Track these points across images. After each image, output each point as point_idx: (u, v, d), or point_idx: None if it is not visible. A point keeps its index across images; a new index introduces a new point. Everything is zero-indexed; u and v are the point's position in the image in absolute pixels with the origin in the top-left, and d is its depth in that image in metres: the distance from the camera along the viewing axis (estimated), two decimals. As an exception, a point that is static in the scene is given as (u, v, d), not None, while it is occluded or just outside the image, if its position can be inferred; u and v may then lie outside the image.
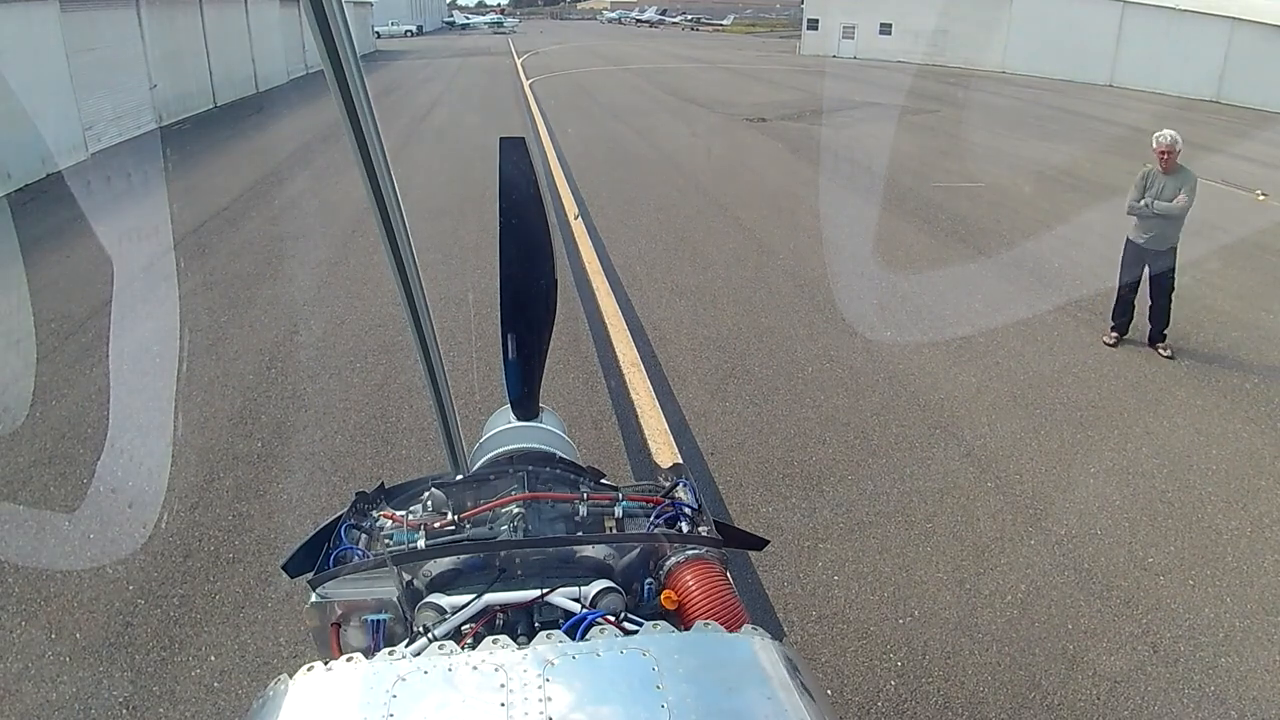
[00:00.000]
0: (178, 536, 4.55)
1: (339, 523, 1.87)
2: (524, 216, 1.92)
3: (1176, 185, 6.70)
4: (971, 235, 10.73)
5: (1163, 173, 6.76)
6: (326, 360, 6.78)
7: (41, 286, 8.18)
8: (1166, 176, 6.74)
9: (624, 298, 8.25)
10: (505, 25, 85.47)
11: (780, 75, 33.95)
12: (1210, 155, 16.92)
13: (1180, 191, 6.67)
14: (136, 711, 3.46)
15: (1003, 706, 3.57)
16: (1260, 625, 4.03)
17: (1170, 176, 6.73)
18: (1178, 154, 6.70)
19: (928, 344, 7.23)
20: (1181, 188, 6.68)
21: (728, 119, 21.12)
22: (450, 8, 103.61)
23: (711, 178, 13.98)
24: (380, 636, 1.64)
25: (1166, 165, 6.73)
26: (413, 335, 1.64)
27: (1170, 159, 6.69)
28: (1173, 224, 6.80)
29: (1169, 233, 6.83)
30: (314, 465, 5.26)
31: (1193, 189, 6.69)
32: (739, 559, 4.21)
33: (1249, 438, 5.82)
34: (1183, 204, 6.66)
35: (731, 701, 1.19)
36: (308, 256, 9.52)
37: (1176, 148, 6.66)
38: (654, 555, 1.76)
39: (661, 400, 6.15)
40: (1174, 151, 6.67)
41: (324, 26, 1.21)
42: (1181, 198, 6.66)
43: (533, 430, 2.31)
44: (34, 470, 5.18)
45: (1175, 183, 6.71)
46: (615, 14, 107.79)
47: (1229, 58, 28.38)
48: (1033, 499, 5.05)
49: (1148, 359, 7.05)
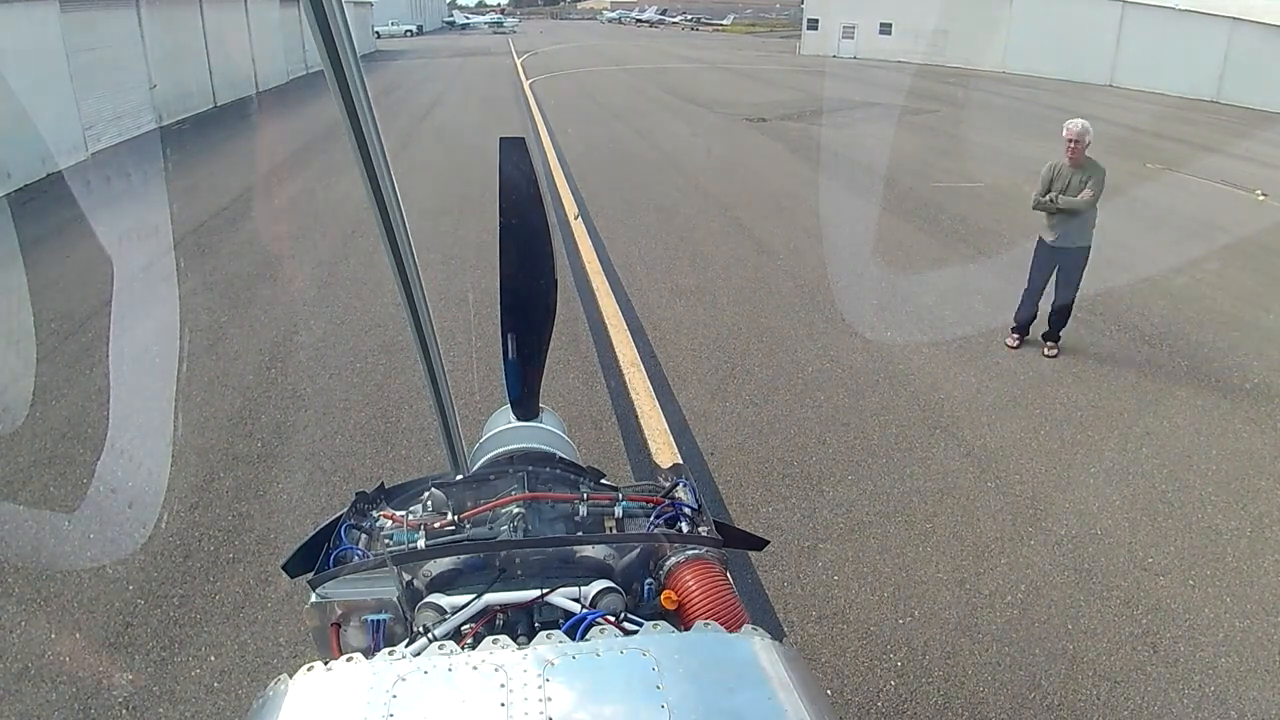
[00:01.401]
0: (178, 536, 4.55)
1: (339, 523, 1.87)
2: (524, 216, 1.92)
3: (1083, 179, 6.45)
4: (971, 235, 10.73)
5: (1070, 165, 6.50)
6: (326, 360, 6.78)
7: (41, 286, 8.18)
8: (1074, 170, 6.48)
9: (624, 298, 8.25)
10: (505, 25, 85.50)
11: (780, 75, 33.96)
12: (1210, 155, 16.95)
13: (1086, 186, 6.43)
14: (136, 711, 3.46)
15: (1003, 706, 3.57)
16: (1260, 625, 4.03)
17: (1077, 170, 6.47)
18: (1087, 145, 6.43)
19: (928, 344, 7.23)
20: (1088, 182, 6.43)
21: (728, 119, 21.13)
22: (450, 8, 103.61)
23: (711, 178, 13.98)
24: (380, 636, 1.64)
25: (1074, 156, 6.43)
26: (413, 335, 1.64)
27: (1079, 150, 6.41)
28: (1084, 221, 6.55)
29: (1080, 230, 6.58)
30: (314, 465, 5.26)
31: (1100, 183, 6.43)
32: (739, 559, 4.21)
33: (1249, 438, 5.82)
34: (1087, 199, 6.41)
35: (731, 701, 1.19)
36: (308, 256, 9.52)
37: (1086, 138, 6.38)
38: (654, 555, 1.76)
39: (661, 400, 6.15)
40: (1083, 142, 6.39)
41: (324, 26, 1.21)
42: (1086, 192, 6.40)
43: (533, 430, 2.31)
44: (34, 470, 5.18)
45: (1082, 176, 6.45)
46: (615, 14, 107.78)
47: (1229, 58, 28.39)
48: (1033, 499, 5.05)
49: (1145, 360, 7.05)
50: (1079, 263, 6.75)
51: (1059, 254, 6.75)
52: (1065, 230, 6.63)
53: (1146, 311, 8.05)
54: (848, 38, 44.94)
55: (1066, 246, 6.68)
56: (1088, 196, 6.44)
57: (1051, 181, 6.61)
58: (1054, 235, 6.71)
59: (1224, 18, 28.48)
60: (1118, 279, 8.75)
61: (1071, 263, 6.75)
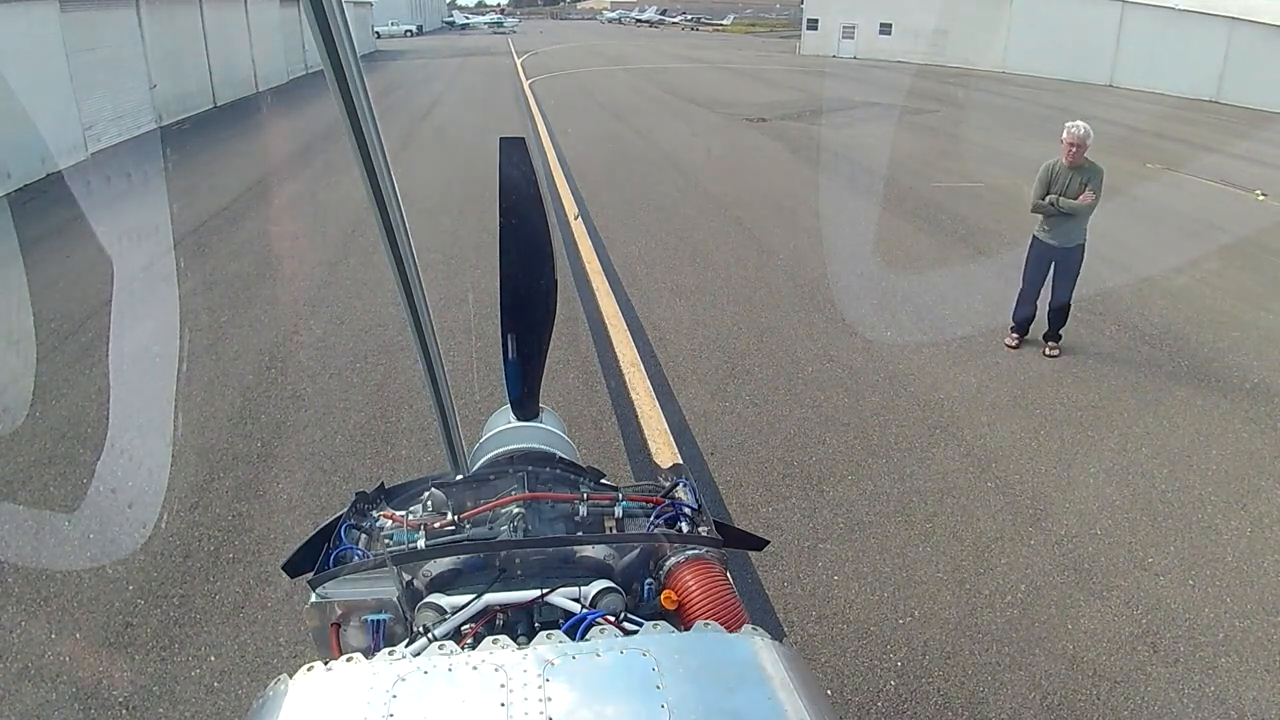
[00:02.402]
0: (178, 536, 4.54)
1: (339, 523, 1.87)
2: (524, 216, 1.92)
3: (1082, 180, 6.46)
4: (971, 235, 10.74)
5: (1068, 167, 6.49)
6: (326, 360, 6.78)
7: (41, 286, 8.17)
8: (1072, 171, 6.49)
9: (624, 298, 8.25)
10: (505, 25, 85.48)
11: (780, 75, 33.96)
12: (1210, 155, 16.96)
13: (1086, 187, 6.44)
14: (136, 711, 3.46)
15: (1003, 706, 3.57)
16: (1260, 625, 4.03)
17: (1076, 171, 6.48)
18: (1087, 148, 6.43)
19: (928, 344, 7.23)
20: (1087, 183, 6.44)
21: (728, 119, 21.13)
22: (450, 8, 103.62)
23: (711, 178, 13.98)
24: (380, 636, 1.64)
25: (1073, 159, 6.43)
26: (413, 335, 1.64)
27: (1079, 153, 6.41)
28: (1079, 221, 6.57)
29: (1076, 230, 6.60)
30: (314, 465, 5.26)
31: (1099, 185, 6.45)
32: (739, 559, 4.21)
33: (1249, 438, 5.82)
34: (1089, 201, 6.43)
35: (731, 701, 1.19)
36: (308, 256, 9.52)
37: (1087, 141, 6.39)
38: (654, 555, 1.76)
39: (661, 400, 6.15)
40: (1084, 145, 6.39)
41: (324, 26, 1.21)
42: (1088, 194, 6.42)
43: (533, 430, 2.31)
44: (34, 470, 5.18)
45: (1081, 177, 6.46)
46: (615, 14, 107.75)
47: (1229, 58, 28.39)
48: (1033, 499, 5.05)
49: (1145, 360, 7.05)
50: (1074, 261, 6.76)
51: (1053, 253, 6.76)
52: (1059, 229, 6.65)
53: (1147, 311, 8.05)
54: (848, 38, 44.94)
55: (1060, 245, 6.68)
56: (1089, 199, 6.44)
57: (1050, 182, 6.59)
58: (1048, 234, 6.72)
59: (1224, 18, 28.48)
60: (1118, 279, 8.75)
61: (1067, 261, 6.76)
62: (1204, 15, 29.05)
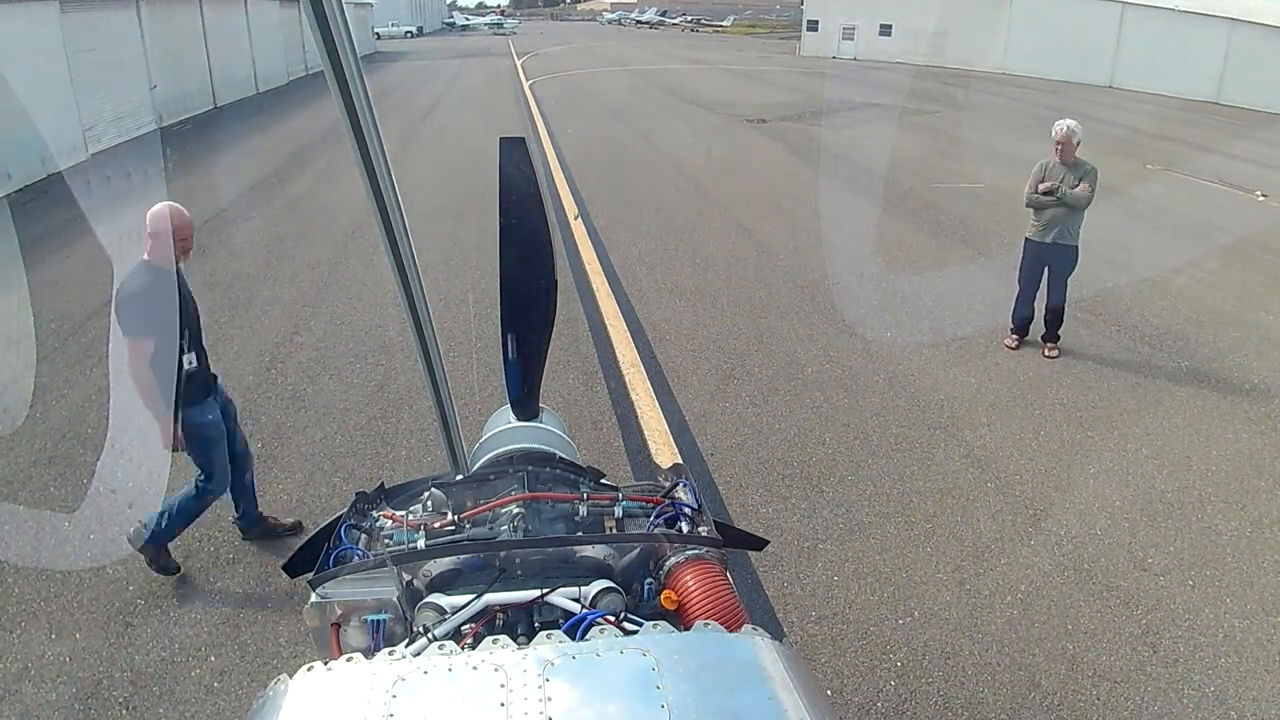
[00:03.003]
0: (178, 537, 4.54)
1: (339, 523, 1.87)
2: (524, 217, 1.92)
3: (1076, 176, 6.56)
4: (971, 236, 10.74)
5: (1060, 164, 6.60)
6: (326, 360, 6.78)
7: (41, 286, 8.17)
8: (1065, 168, 6.59)
9: (624, 298, 8.25)
10: (505, 26, 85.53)
11: (780, 76, 33.97)
12: (1210, 156, 16.97)
13: (1081, 181, 6.53)
14: (136, 711, 3.46)
15: (1003, 706, 3.57)
16: (1260, 626, 4.03)
17: (1069, 168, 6.58)
18: (1076, 145, 6.54)
19: (928, 344, 7.23)
20: (1082, 178, 6.54)
21: (728, 120, 21.13)
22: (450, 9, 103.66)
23: (711, 179, 13.98)
24: (380, 636, 1.64)
25: (1064, 156, 6.56)
26: (413, 335, 1.65)
27: (1068, 149, 6.53)
28: (1073, 219, 6.65)
29: (1070, 228, 6.67)
30: (314, 466, 5.26)
31: (1094, 180, 6.55)
32: (739, 559, 4.21)
33: (1249, 438, 5.82)
34: (1087, 192, 6.52)
35: (731, 702, 1.19)
36: (307, 257, 9.52)
37: (1075, 139, 6.51)
38: (654, 555, 1.76)
39: (661, 401, 6.15)
40: (1070, 142, 6.51)
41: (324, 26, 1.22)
42: (1084, 186, 6.51)
43: (533, 430, 2.31)
44: (34, 470, 5.18)
45: (1075, 174, 6.56)
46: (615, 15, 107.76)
47: (1229, 58, 28.42)
48: (1033, 499, 5.05)
49: (1145, 360, 7.05)
50: (1067, 264, 6.81)
51: (1047, 252, 6.80)
52: (1057, 228, 6.69)
53: (1146, 312, 8.05)
54: (848, 39, 44.96)
55: (1054, 244, 6.73)
56: (1087, 190, 6.51)
57: (1043, 180, 6.67)
58: (1045, 233, 6.76)
59: (1224, 18, 28.51)
60: (1118, 279, 8.76)
61: (1060, 262, 6.80)
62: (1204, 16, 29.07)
